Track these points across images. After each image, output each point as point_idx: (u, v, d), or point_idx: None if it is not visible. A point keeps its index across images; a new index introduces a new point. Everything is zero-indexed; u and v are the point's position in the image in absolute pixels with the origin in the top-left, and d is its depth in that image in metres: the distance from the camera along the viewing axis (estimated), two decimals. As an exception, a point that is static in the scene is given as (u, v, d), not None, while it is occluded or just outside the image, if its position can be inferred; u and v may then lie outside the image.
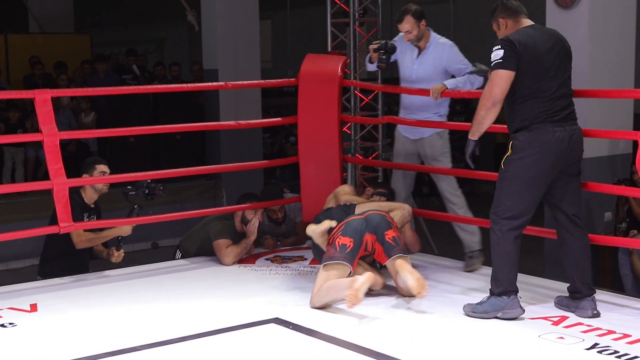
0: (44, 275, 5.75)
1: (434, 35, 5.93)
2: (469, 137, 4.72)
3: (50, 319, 4.74)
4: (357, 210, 5.28)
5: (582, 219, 4.84)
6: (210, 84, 7.36)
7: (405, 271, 4.82)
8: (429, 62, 5.87)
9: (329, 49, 8.39)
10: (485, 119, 4.59)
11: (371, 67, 6.07)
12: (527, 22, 4.72)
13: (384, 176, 8.10)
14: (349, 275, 4.83)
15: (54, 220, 5.41)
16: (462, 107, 13.67)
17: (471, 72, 5.55)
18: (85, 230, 5.65)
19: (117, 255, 5.80)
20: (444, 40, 5.94)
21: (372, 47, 5.91)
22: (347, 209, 5.33)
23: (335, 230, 4.98)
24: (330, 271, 4.82)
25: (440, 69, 5.87)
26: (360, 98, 8.38)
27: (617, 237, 6.69)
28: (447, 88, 5.68)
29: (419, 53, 5.92)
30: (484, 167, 11.76)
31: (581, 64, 6.79)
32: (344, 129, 7.37)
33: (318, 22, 9.26)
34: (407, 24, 5.77)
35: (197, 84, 7.48)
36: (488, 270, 5.55)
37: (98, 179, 5.72)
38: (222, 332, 4.44)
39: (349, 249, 4.87)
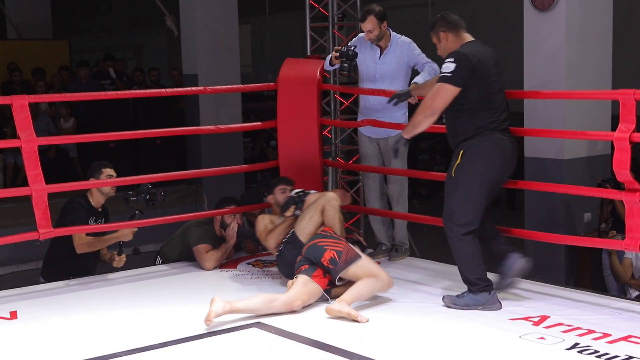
0: (47, 278, 5.74)
1: (394, 35, 6.06)
2: (403, 135, 4.95)
3: (31, 326, 4.70)
4: (299, 235, 5.25)
5: None
6: (189, 88, 7.34)
7: (336, 315, 4.70)
8: (392, 60, 6.01)
9: (309, 53, 8.40)
10: (421, 124, 4.82)
11: (330, 68, 6.25)
12: (469, 36, 4.89)
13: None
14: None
15: (59, 224, 5.43)
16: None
17: (392, 99, 5.63)
18: (87, 235, 5.64)
19: (119, 259, 5.81)
20: (404, 38, 6.07)
21: (334, 54, 6.06)
22: (294, 244, 5.25)
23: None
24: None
25: (402, 65, 6.02)
26: (340, 102, 8.40)
27: (595, 238, 6.73)
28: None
29: (382, 53, 6.04)
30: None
31: (558, 65, 6.85)
32: (324, 132, 7.39)
33: (297, 27, 9.29)
34: (370, 24, 5.90)
35: (176, 89, 7.49)
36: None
37: (77, 185, 5.70)
38: (204, 337, 4.43)
39: (304, 267, 4.97)
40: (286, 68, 6.47)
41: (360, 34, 6.13)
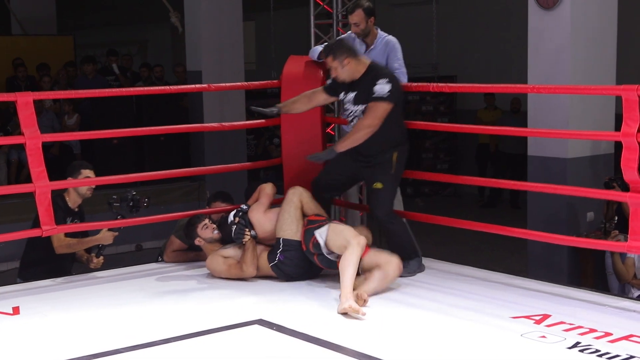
0: (25, 278, 5.74)
1: (381, 33, 6.18)
2: (338, 149, 5.39)
3: (33, 321, 4.72)
4: (292, 237, 5.33)
5: None
6: (193, 86, 7.35)
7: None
8: (377, 57, 6.08)
9: (313, 50, 8.40)
10: (360, 140, 5.34)
11: (315, 60, 6.39)
12: (366, 58, 5.53)
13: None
14: None
15: (36, 224, 5.40)
16: (446, 108, 13.73)
17: (254, 110, 5.98)
18: (66, 236, 5.63)
19: (96, 262, 5.79)
20: (390, 37, 6.18)
21: (322, 48, 6.19)
22: (292, 248, 5.33)
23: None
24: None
25: (383, 63, 6.10)
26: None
27: (598, 239, 6.72)
28: None
29: (367, 49, 6.15)
30: (467, 167, 11.79)
31: (563, 63, 6.85)
32: (328, 130, 7.39)
33: (301, 23, 9.28)
34: (357, 17, 6.05)
35: (180, 86, 7.49)
36: (471, 271, 5.64)
37: (81, 182, 5.70)
38: (206, 334, 4.44)
39: None
40: (290, 65, 6.46)
41: (349, 32, 6.25)
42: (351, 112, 5.55)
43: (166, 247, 6.03)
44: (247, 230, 5.39)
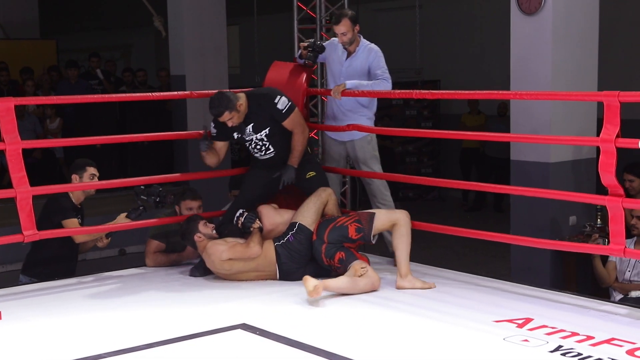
0: (31, 276, 5.77)
1: (363, 41, 6.23)
2: (295, 166, 5.70)
3: (15, 327, 4.69)
4: (307, 225, 5.53)
5: None
6: (175, 92, 7.34)
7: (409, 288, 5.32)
8: (357, 65, 6.18)
9: (296, 55, 8.41)
10: (304, 147, 5.78)
11: (299, 62, 6.43)
12: (241, 92, 5.75)
13: (351, 183, 8.15)
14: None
15: (41, 224, 5.40)
16: (429, 113, 13.77)
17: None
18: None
19: (105, 242, 5.90)
20: (372, 45, 6.23)
21: (302, 44, 6.30)
22: (303, 233, 5.50)
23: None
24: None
25: (365, 70, 6.18)
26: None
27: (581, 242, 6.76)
28: (346, 88, 6.01)
29: (348, 56, 6.22)
30: (451, 172, 11.79)
31: (544, 69, 6.88)
32: (311, 135, 7.40)
33: (285, 28, 9.29)
34: (344, 27, 6.07)
35: (163, 93, 7.48)
36: (455, 275, 5.65)
37: (60, 187, 5.72)
38: (188, 339, 4.43)
39: (342, 255, 5.39)
40: (273, 72, 6.46)
41: (333, 39, 6.28)
42: (252, 140, 5.75)
43: (145, 250, 6.02)
44: (257, 220, 5.56)
